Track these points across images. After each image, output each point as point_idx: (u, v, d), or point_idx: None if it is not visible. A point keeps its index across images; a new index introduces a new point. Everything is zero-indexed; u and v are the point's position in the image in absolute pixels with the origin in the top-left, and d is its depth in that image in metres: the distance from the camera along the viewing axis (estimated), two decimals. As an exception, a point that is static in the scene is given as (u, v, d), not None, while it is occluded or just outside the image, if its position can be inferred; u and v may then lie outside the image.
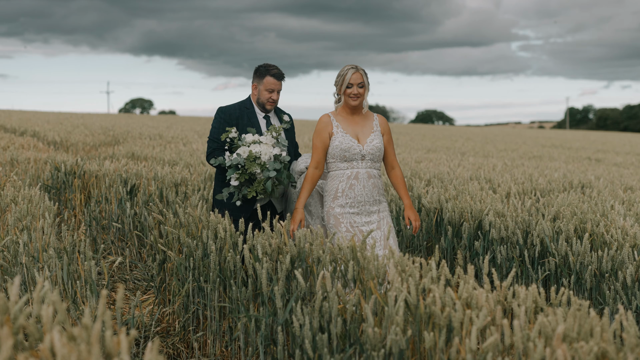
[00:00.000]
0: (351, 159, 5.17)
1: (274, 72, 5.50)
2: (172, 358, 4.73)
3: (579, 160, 20.67)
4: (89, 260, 4.36)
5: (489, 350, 2.82)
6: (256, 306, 4.23)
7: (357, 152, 5.16)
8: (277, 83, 5.52)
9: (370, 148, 5.18)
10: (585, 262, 5.25)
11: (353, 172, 5.18)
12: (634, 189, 10.02)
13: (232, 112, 5.54)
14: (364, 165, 5.19)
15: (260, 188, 5.14)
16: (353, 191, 5.16)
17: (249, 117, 5.53)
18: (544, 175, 11.56)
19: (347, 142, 5.15)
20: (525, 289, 3.22)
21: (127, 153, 13.16)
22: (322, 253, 3.99)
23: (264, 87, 5.49)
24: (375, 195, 5.23)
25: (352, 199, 5.15)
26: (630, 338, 2.70)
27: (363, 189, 5.17)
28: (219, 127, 5.50)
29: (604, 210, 6.53)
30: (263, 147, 5.17)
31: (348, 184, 5.17)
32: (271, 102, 5.52)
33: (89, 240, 7.52)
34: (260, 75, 5.53)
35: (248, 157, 5.14)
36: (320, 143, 5.22)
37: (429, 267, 3.58)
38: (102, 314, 2.34)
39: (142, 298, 5.86)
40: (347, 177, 5.17)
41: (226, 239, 4.57)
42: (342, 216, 5.16)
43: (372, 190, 5.21)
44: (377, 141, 5.23)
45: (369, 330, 3.16)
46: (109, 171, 8.52)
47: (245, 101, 5.64)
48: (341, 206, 5.16)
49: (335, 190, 5.19)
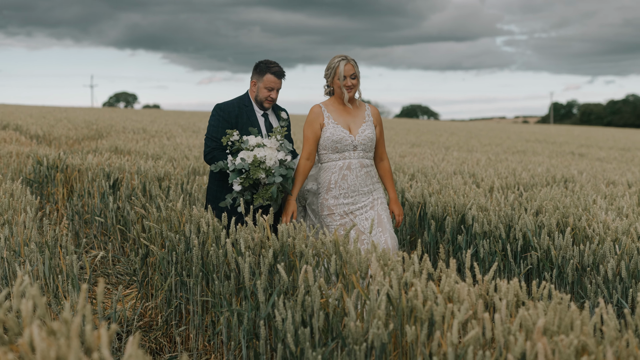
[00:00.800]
0: (343, 149, 5.15)
1: (274, 69, 5.38)
2: (154, 352, 4.72)
3: (562, 155, 20.76)
4: (71, 254, 4.34)
5: (470, 344, 2.82)
6: (239, 300, 4.22)
7: (349, 142, 5.14)
8: (277, 81, 5.40)
9: (362, 138, 5.17)
10: (567, 256, 5.27)
11: (345, 163, 5.17)
12: (616, 184, 10.08)
13: (231, 109, 5.41)
14: (356, 155, 5.18)
15: (268, 196, 5.04)
16: (346, 182, 5.15)
17: (248, 115, 5.40)
18: (528, 169, 11.60)
19: (339, 133, 5.13)
20: (507, 282, 3.23)
21: (110, 147, 13.10)
22: (305, 247, 3.98)
23: (263, 85, 5.37)
24: (369, 184, 5.23)
25: (346, 189, 5.15)
26: (610, 331, 2.72)
27: (356, 178, 5.17)
28: (217, 125, 5.36)
29: (586, 205, 6.57)
30: (267, 151, 5.05)
31: (340, 175, 5.16)
32: (270, 100, 5.41)
33: (71, 234, 7.49)
34: (260, 72, 5.40)
35: (253, 162, 5.02)
36: (311, 134, 5.20)
37: (412, 261, 3.58)
38: (82, 308, 2.32)
39: (125, 292, 5.84)
40: (339, 168, 5.17)
41: (209, 233, 4.55)
42: (335, 207, 5.16)
43: (365, 179, 5.21)
44: (369, 131, 5.21)
45: (351, 324, 3.16)
46: (92, 165, 8.48)
47: (243, 98, 5.51)
48: (335, 197, 5.17)
49: (328, 182, 5.18)
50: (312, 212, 5.37)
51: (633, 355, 2.66)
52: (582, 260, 5.21)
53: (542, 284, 3.35)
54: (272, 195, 5.03)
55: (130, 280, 6.23)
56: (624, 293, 4.83)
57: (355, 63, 5.16)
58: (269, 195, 5.04)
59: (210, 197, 5.44)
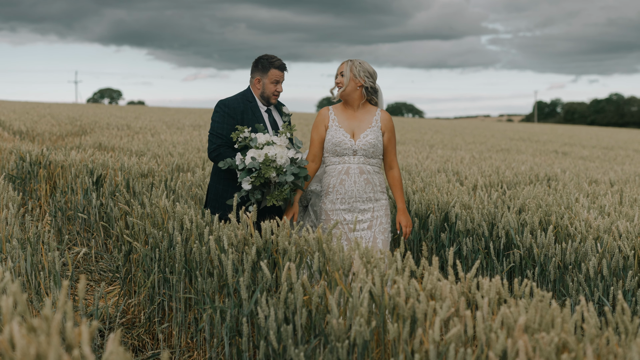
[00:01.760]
0: (342, 153, 5.08)
1: (277, 63, 5.35)
2: (137, 350, 4.70)
3: (546, 153, 20.87)
4: (53, 251, 4.31)
5: (451, 341, 2.83)
6: (222, 297, 4.21)
7: (348, 147, 5.06)
8: (281, 74, 5.38)
9: (363, 143, 5.06)
10: (550, 254, 5.30)
11: (344, 167, 5.09)
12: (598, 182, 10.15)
13: (235, 105, 5.34)
14: (356, 160, 5.09)
15: (283, 197, 4.94)
16: (343, 186, 5.07)
17: (253, 111, 5.35)
18: (511, 168, 11.65)
19: (339, 137, 5.07)
20: (489, 280, 3.25)
21: (94, 143, 13.04)
22: (288, 244, 3.98)
23: (269, 80, 5.34)
24: (369, 192, 5.10)
25: (342, 194, 5.07)
26: (590, 329, 2.74)
27: (354, 184, 5.07)
28: (222, 121, 5.28)
29: (568, 203, 6.61)
30: (277, 149, 4.96)
31: (339, 179, 5.08)
32: (276, 94, 5.38)
33: (54, 231, 7.45)
34: (263, 69, 5.36)
35: (264, 161, 4.90)
36: (316, 136, 5.17)
37: (394, 258, 3.59)
38: (63, 305, 2.31)
39: (108, 289, 5.82)
40: (338, 172, 5.10)
41: (192, 230, 4.54)
42: (332, 212, 5.10)
43: (365, 187, 5.09)
44: (371, 137, 5.09)
45: (333, 322, 3.16)
46: (75, 161, 8.43)
47: (246, 94, 5.45)
48: (332, 202, 5.10)
49: (327, 186, 5.12)
50: (313, 213, 5.30)
51: (613, 353, 2.68)
52: (564, 258, 5.24)
53: (524, 281, 3.37)
54: (286, 197, 4.95)
55: (113, 277, 6.21)
56: (605, 291, 4.86)
57: (350, 62, 5.11)
58: (283, 197, 4.93)
59: (213, 195, 5.37)
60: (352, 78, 5.09)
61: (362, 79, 5.09)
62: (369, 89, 5.14)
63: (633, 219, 5.91)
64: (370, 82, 5.12)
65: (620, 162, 18.56)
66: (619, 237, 5.27)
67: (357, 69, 5.08)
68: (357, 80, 5.09)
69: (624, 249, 4.92)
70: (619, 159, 20.19)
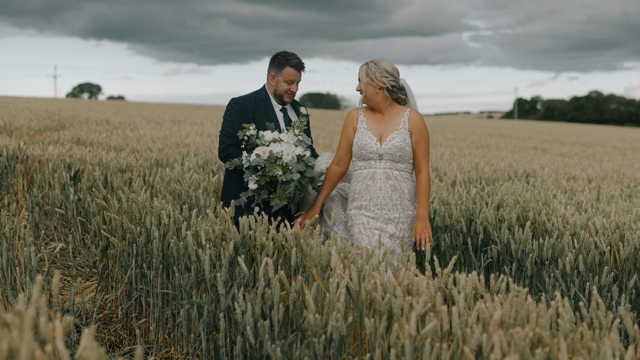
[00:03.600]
0: (368, 157, 4.80)
1: (294, 62, 5.13)
2: (114, 345, 4.68)
3: (525, 150, 20.98)
4: (29, 246, 4.28)
5: (427, 336, 2.84)
6: (199, 293, 4.20)
7: (374, 150, 4.77)
8: (297, 74, 5.16)
9: (389, 147, 4.76)
10: (527, 249, 5.33)
11: (370, 172, 4.81)
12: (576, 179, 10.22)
13: (247, 104, 5.16)
14: (382, 165, 4.78)
15: (286, 195, 4.76)
16: (368, 193, 4.79)
17: (266, 110, 5.17)
18: (490, 164, 11.71)
19: (365, 140, 4.79)
20: (466, 276, 3.26)
21: (72, 138, 12.95)
22: (266, 240, 3.98)
23: (282, 79, 5.14)
24: (395, 200, 4.79)
25: (367, 201, 4.79)
26: (564, 324, 2.76)
27: (379, 190, 4.77)
28: (233, 120, 5.10)
29: (546, 199, 6.65)
30: (284, 146, 4.76)
31: (364, 185, 4.81)
32: (289, 94, 5.18)
33: (31, 226, 7.40)
34: (278, 65, 5.16)
35: (269, 158, 4.71)
36: (344, 138, 4.93)
37: (372, 253, 3.60)
38: (37, 300, 2.29)
39: (85, 285, 5.78)
40: (363, 177, 4.83)
41: (170, 225, 4.53)
42: (356, 217, 4.85)
43: (391, 194, 4.77)
44: (398, 140, 4.77)
45: (310, 317, 3.16)
46: (53, 156, 8.37)
47: (260, 92, 5.26)
48: (357, 208, 4.84)
49: (354, 192, 4.88)
50: (328, 218, 5.11)
51: (587, 348, 2.70)
52: (541, 254, 5.27)
53: (501, 277, 3.39)
54: (289, 195, 4.76)
55: (90, 272, 6.18)
56: (582, 286, 4.90)
57: (366, 65, 4.82)
58: (286, 195, 4.76)
59: (226, 197, 5.19)
60: (369, 82, 4.78)
61: (380, 80, 4.77)
62: (392, 88, 4.80)
63: (610, 215, 5.96)
64: (391, 81, 4.79)
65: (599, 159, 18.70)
66: (596, 233, 5.31)
67: (372, 71, 4.76)
68: (375, 83, 4.78)
69: (600, 245, 4.95)
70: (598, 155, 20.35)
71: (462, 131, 34.33)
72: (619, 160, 18.57)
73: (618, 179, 10.76)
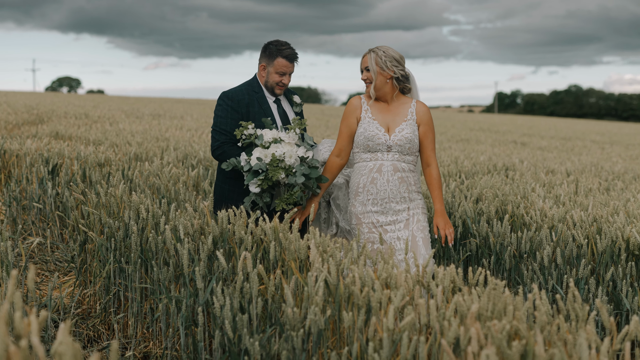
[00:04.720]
0: (375, 149, 4.57)
1: (286, 52, 4.86)
2: (92, 340, 4.66)
3: (505, 143, 21.08)
4: (6, 240, 4.25)
5: (405, 329, 2.85)
6: (178, 287, 4.19)
7: (382, 142, 4.55)
8: (290, 65, 4.90)
9: (399, 139, 4.55)
10: (505, 243, 5.36)
11: (376, 165, 4.58)
12: (555, 172, 10.28)
13: (240, 97, 4.88)
14: (390, 157, 4.56)
15: (293, 201, 4.52)
16: (375, 186, 4.56)
17: (260, 103, 4.91)
18: (470, 158, 11.75)
19: (372, 130, 4.56)
20: (444, 269, 3.27)
21: (51, 132, 12.86)
22: (245, 234, 3.97)
23: (274, 70, 4.87)
24: (403, 192, 4.59)
25: (374, 195, 4.57)
26: (541, 316, 2.77)
27: (387, 183, 4.55)
28: (226, 116, 4.82)
29: (525, 193, 6.68)
30: (286, 147, 4.52)
31: (370, 178, 4.57)
32: (281, 86, 4.92)
33: (8, 220, 7.34)
34: (270, 56, 4.88)
35: (271, 162, 4.48)
36: (345, 128, 4.67)
37: (350, 247, 3.60)
38: (12, 295, 2.28)
39: (63, 280, 5.75)
40: (369, 170, 4.59)
41: (148, 219, 4.50)
42: (363, 215, 4.61)
43: (399, 186, 4.57)
44: (407, 131, 4.57)
45: (288, 311, 3.16)
46: (31, 150, 8.32)
47: (252, 83, 4.99)
48: (362, 204, 4.61)
49: (357, 186, 4.63)
50: (336, 207, 4.92)
51: (563, 339, 2.72)
52: (519, 247, 5.30)
53: (479, 270, 3.40)
54: (297, 201, 4.54)
55: (68, 267, 6.14)
56: (559, 279, 4.93)
57: (374, 54, 4.58)
58: (293, 200, 4.53)
59: (219, 196, 4.97)
60: (380, 72, 4.56)
61: (390, 70, 4.56)
62: (400, 78, 4.61)
63: (587, 208, 6.00)
64: (400, 70, 4.58)
65: (578, 152, 18.83)
66: (573, 226, 5.35)
67: (382, 59, 4.53)
68: (386, 72, 4.58)
69: (578, 238, 4.99)
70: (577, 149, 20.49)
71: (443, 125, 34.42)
72: (598, 153, 18.72)
73: (596, 173, 10.85)
